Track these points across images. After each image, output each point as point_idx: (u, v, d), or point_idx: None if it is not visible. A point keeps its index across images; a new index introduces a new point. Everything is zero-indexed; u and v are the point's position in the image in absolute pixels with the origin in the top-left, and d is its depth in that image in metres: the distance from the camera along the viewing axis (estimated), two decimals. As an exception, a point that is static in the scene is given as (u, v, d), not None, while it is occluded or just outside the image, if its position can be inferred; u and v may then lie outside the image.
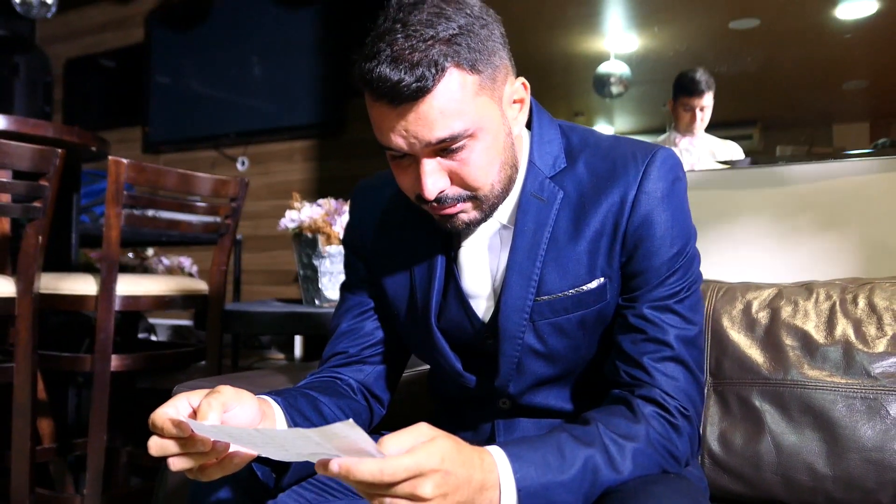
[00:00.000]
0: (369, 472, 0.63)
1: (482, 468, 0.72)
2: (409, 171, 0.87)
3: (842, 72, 1.66)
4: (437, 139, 0.82)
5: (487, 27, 0.84)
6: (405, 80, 0.78)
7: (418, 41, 0.79)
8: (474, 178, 0.86)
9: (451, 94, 0.80)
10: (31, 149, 1.45)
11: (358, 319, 1.06)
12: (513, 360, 0.94)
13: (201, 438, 0.73)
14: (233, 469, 0.77)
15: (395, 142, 0.83)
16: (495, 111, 0.86)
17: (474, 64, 0.82)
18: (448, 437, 0.70)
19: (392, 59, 0.79)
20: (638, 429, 0.83)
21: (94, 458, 1.58)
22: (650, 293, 0.90)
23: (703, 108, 1.82)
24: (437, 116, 0.81)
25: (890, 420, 1.17)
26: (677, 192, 0.92)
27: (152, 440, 0.74)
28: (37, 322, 1.51)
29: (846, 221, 1.58)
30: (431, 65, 0.79)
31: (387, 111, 0.82)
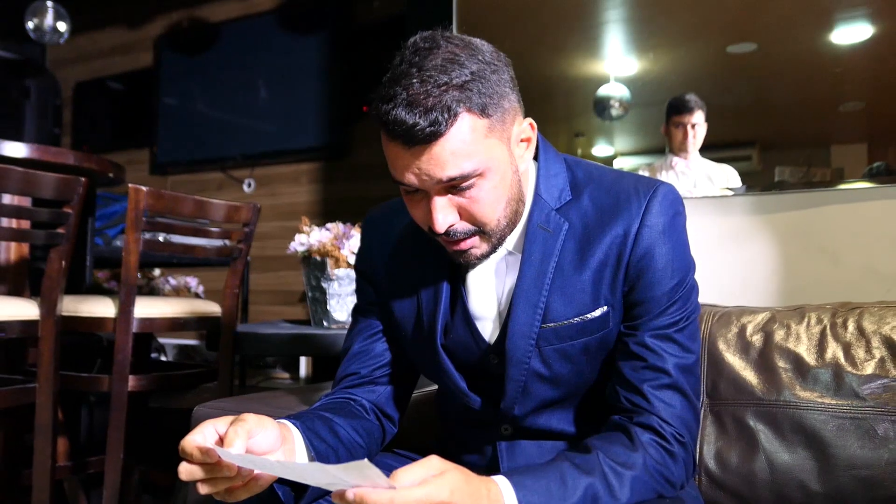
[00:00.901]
0: (378, 500, 0.68)
1: (489, 498, 0.77)
2: (421, 205, 0.93)
3: (839, 94, 1.70)
4: (448, 178, 0.87)
5: (498, 72, 0.89)
6: (420, 124, 0.84)
7: (432, 87, 0.84)
8: (482, 214, 0.91)
9: (462, 137, 0.86)
10: (55, 178, 1.51)
11: (369, 341, 1.11)
12: (519, 383, 0.99)
13: (227, 465, 0.77)
14: (258, 489, 0.82)
15: (409, 179, 0.89)
16: (503, 151, 0.91)
17: (485, 108, 0.87)
18: (457, 470, 0.75)
19: (407, 103, 0.84)
20: (636, 457, 0.88)
21: (111, 475, 1.63)
22: (651, 322, 0.95)
23: (693, 125, 1.86)
24: (448, 157, 0.86)
25: (878, 439, 1.22)
26: (677, 226, 0.98)
27: (182, 466, 0.78)
28: (59, 344, 1.57)
29: (838, 247, 1.64)
30: (444, 110, 0.84)
31: (401, 151, 0.87)
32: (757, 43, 1.81)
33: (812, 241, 1.66)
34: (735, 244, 1.74)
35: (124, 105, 4.55)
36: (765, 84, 1.80)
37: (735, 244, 1.74)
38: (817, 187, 1.69)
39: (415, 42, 0.90)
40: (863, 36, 1.69)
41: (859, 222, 1.63)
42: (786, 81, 1.77)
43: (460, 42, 0.89)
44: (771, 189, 1.76)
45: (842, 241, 1.64)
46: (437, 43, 0.88)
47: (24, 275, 1.91)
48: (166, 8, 4.30)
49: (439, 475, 0.72)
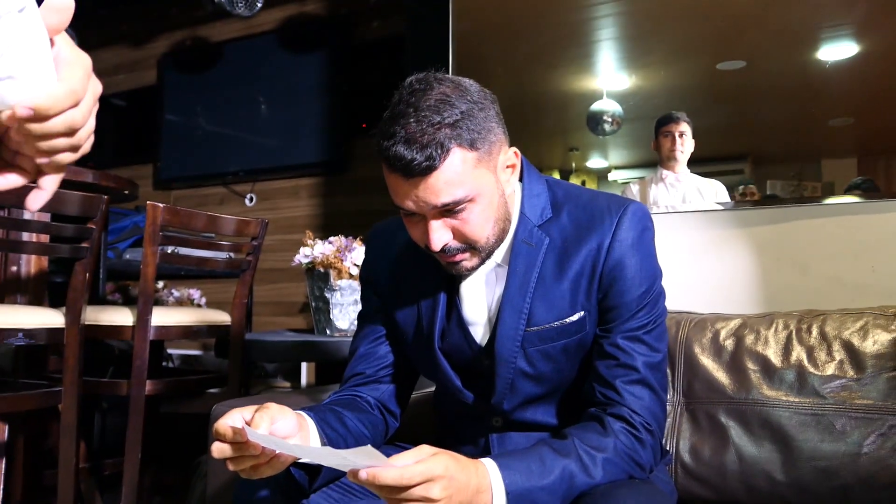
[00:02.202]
0: (391, 477, 0.81)
1: (477, 475, 0.89)
2: (419, 226, 1.05)
3: (828, 110, 1.77)
4: (443, 204, 1.00)
5: (485, 110, 1.02)
6: (416, 160, 0.96)
7: (427, 125, 0.97)
8: (473, 234, 1.04)
9: (454, 168, 0.98)
10: (80, 196, 1.63)
11: (373, 344, 1.24)
12: (507, 380, 1.12)
13: (253, 444, 0.89)
14: (280, 468, 0.94)
15: (408, 205, 1.02)
16: (491, 178, 1.04)
17: (473, 143, 1.00)
18: (447, 452, 0.87)
19: (405, 141, 0.96)
20: (607, 441, 1.00)
21: (129, 474, 1.74)
22: (622, 325, 1.08)
23: (681, 133, 1.95)
24: (442, 187, 0.98)
25: (836, 433, 1.34)
26: (645, 240, 1.11)
27: (215, 445, 0.91)
28: (82, 350, 1.68)
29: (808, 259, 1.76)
30: (438, 146, 0.96)
31: (401, 181, 1.00)
32: (746, 60, 1.89)
33: (784, 253, 1.79)
34: (712, 256, 1.86)
35: (128, 122, 4.65)
36: (754, 100, 1.86)
37: (712, 256, 1.86)
38: (789, 203, 1.82)
39: (411, 83, 1.03)
40: (848, 53, 1.76)
41: (827, 236, 1.75)
42: (775, 97, 1.83)
43: (451, 83, 1.02)
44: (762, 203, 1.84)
45: (811, 253, 1.76)
46: (430, 84, 1.01)
47: (43, 287, 2.03)
48: (170, 28, 4.41)
49: (433, 455, 0.85)
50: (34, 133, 0.54)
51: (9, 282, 1.95)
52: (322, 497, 1.10)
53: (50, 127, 0.54)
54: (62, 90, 0.54)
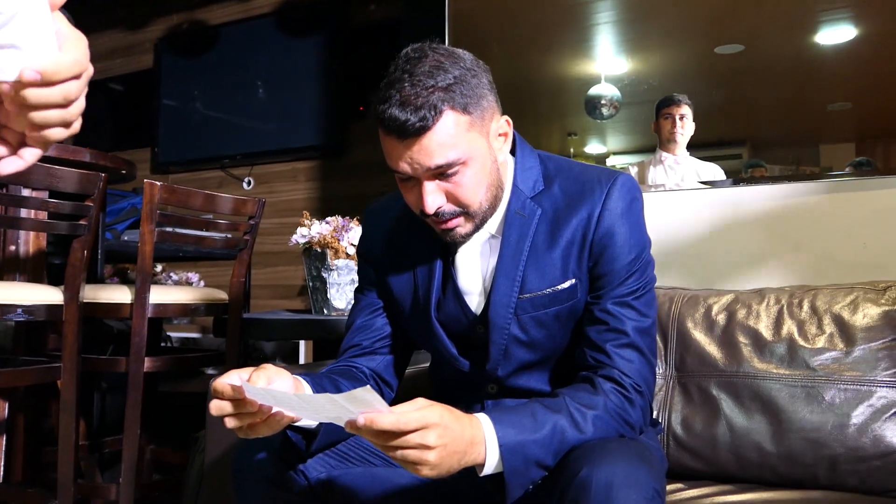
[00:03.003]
0: (388, 422, 0.82)
1: (471, 426, 0.91)
2: (414, 190, 1.08)
3: (826, 94, 1.78)
4: (436, 166, 1.03)
5: (477, 77, 1.05)
6: (410, 120, 1.00)
7: (421, 89, 1.00)
8: (466, 197, 1.06)
9: (447, 131, 1.01)
10: (77, 173, 1.64)
11: (370, 317, 1.26)
12: (501, 347, 1.14)
13: (250, 400, 0.91)
14: (276, 428, 0.96)
15: (402, 167, 1.04)
16: (483, 143, 1.07)
17: (466, 106, 1.03)
18: (441, 404, 0.89)
19: (400, 103, 1.00)
20: (597, 399, 1.03)
21: (129, 450, 1.76)
22: (612, 291, 1.10)
23: (682, 116, 1.95)
24: (435, 148, 1.01)
25: (825, 405, 1.37)
26: (634, 210, 1.13)
27: (213, 402, 0.92)
28: (81, 327, 1.70)
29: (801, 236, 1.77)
30: (431, 108, 1.00)
31: (396, 143, 1.03)
32: (744, 44, 1.89)
33: (777, 230, 1.80)
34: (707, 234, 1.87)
35: (125, 106, 4.64)
36: (753, 84, 1.86)
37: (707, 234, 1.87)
38: (782, 181, 1.83)
39: (406, 53, 1.06)
40: (846, 37, 1.76)
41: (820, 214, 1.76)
42: (773, 82, 1.84)
43: (445, 52, 1.05)
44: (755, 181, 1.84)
45: (804, 230, 1.77)
46: (425, 53, 1.05)
47: (42, 266, 2.04)
48: (166, 11, 4.40)
49: (429, 405, 0.87)
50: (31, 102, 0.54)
51: (8, 261, 1.97)
52: (319, 462, 1.12)
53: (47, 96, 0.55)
54: (68, 59, 0.55)
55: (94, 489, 1.84)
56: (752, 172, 1.89)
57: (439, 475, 0.88)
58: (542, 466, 0.96)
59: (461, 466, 0.90)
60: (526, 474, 0.95)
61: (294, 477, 1.09)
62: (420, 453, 0.85)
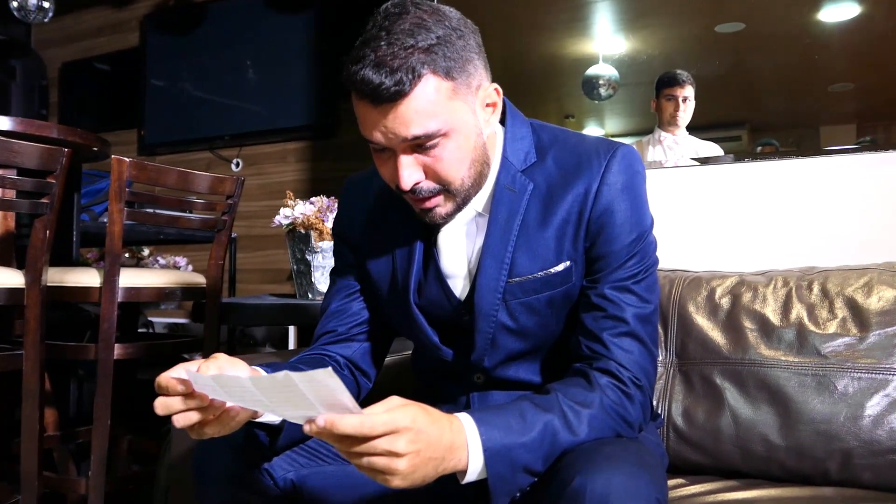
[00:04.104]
0: (351, 425, 0.71)
1: (451, 430, 0.81)
2: (389, 163, 0.97)
3: (827, 74, 1.72)
4: (413, 136, 0.92)
5: (464, 38, 0.94)
6: (385, 84, 0.88)
7: (399, 49, 0.89)
8: (446, 173, 0.96)
9: (426, 97, 0.90)
10: (39, 148, 1.53)
11: (346, 301, 1.16)
12: (487, 336, 1.04)
13: (200, 395, 0.81)
14: (231, 425, 0.86)
15: (376, 137, 0.94)
16: (468, 114, 0.95)
17: (449, 71, 0.91)
18: (417, 404, 0.79)
19: (375, 64, 0.89)
20: (593, 396, 0.92)
21: (98, 441, 1.66)
22: (611, 275, 1.00)
23: (685, 98, 1.89)
24: (412, 116, 0.90)
25: (837, 395, 1.27)
26: (636, 185, 1.02)
27: (158, 400, 0.83)
28: (44, 312, 1.60)
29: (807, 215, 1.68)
30: (409, 71, 0.88)
31: (369, 109, 0.92)
32: (745, 22, 1.83)
33: (783, 209, 1.70)
34: (709, 212, 1.78)
35: (111, 86, 4.54)
36: (753, 64, 1.80)
37: (709, 212, 1.78)
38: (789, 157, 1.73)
39: (386, 8, 0.94)
40: (850, 14, 1.70)
41: (828, 191, 1.67)
42: (775, 61, 1.78)
43: (428, 8, 0.93)
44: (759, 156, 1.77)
45: (811, 209, 1.67)
46: (406, 9, 0.93)
47: (10, 248, 1.94)
48: (152, -13, 4.29)
49: (401, 405, 0.76)
50: None
51: (-28, 243, 1.87)
52: (286, 461, 1.02)
53: None
54: None
55: (62, 483, 1.75)
56: (763, 150, 1.80)
57: (412, 485, 0.77)
58: (531, 472, 0.86)
59: (438, 474, 0.80)
60: (513, 481, 0.85)
61: (259, 477, 1.00)
62: (388, 461, 0.74)
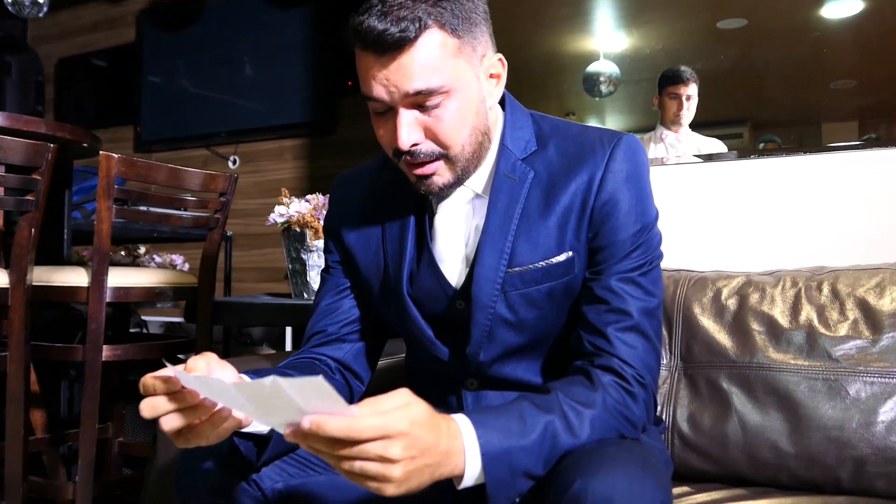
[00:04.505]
0: (338, 427, 0.66)
1: (448, 434, 0.76)
2: (388, 124, 0.94)
3: (830, 71, 1.69)
4: (415, 90, 0.89)
5: (473, 0, 0.93)
6: (389, 30, 0.87)
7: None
8: (446, 135, 0.93)
9: (430, 50, 0.88)
10: (24, 143, 1.49)
11: (336, 298, 1.11)
12: (484, 328, 0.99)
13: (189, 393, 0.76)
14: (220, 430, 0.81)
15: (377, 90, 0.91)
16: (472, 76, 0.93)
17: (455, 28, 0.90)
18: (421, 404, 0.74)
19: (381, 13, 0.88)
20: (595, 396, 0.88)
21: (85, 446, 1.62)
22: (615, 266, 0.96)
23: (688, 97, 1.86)
24: (416, 69, 0.88)
25: (849, 400, 1.22)
26: (640, 174, 0.98)
27: (144, 402, 0.77)
28: (29, 312, 1.55)
29: (814, 213, 1.63)
30: (415, 20, 0.87)
31: (372, 60, 0.90)
32: (747, 18, 1.80)
33: (791, 207, 1.65)
34: (714, 210, 1.73)
35: (108, 82, 4.50)
36: (756, 60, 1.78)
37: (714, 210, 1.73)
38: (796, 153, 1.68)
39: None
40: (853, 10, 1.67)
41: (835, 189, 1.62)
42: (777, 57, 1.75)
43: None
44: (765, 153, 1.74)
45: (819, 207, 1.63)
46: None
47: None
48: (149, -18, 4.24)
49: (401, 406, 0.71)
50: None
51: (-41, 241, 1.82)
52: (275, 470, 0.98)
53: None
54: None
55: (49, 487, 1.71)
56: (765, 147, 1.76)
57: (407, 492, 0.72)
58: (531, 476, 0.82)
59: (434, 480, 0.75)
60: (512, 486, 0.80)
61: (246, 488, 0.95)
62: (382, 467, 0.69)
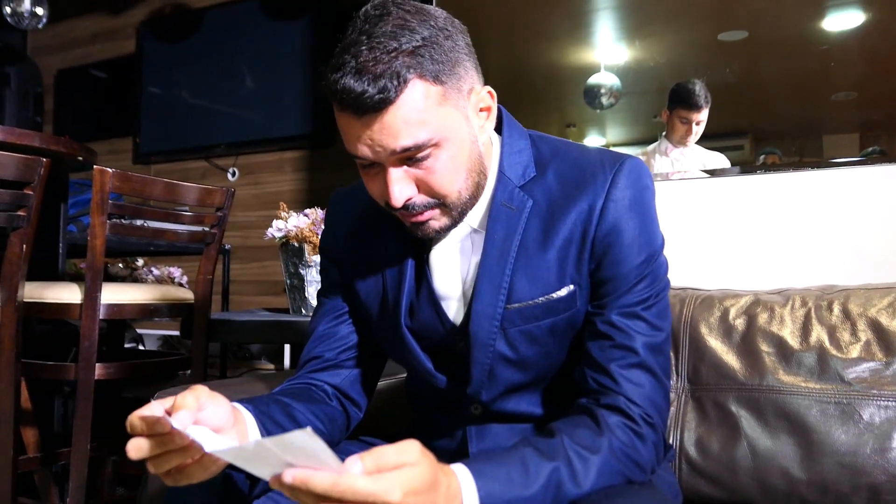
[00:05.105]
0: (321, 484, 0.61)
1: (448, 492, 0.70)
2: (378, 179, 0.89)
3: (830, 83, 1.68)
4: (402, 148, 0.83)
5: (452, 38, 0.86)
6: (368, 92, 0.80)
7: (382, 53, 0.81)
8: (440, 186, 0.87)
9: (414, 105, 0.82)
10: (15, 157, 1.46)
11: (334, 323, 1.07)
12: (485, 367, 0.95)
13: (178, 434, 0.72)
14: (212, 468, 0.77)
15: (362, 150, 0.85)
16: (460, 120, 0.87)
17: (437, 75, 0.83)
18: (422, 466, 0.67)
19: (356, 71, 0.81)
20: (601, 441, 0.83)
21: (77, 466, 1.58)
22: (618, 300, 0.91)
23: (699, 122, 1.84)
24: (400, 126, 0.82)
25: (863, 424, 1.18)
26: (645, 201, 0.94)
27: (131, 443, 0.73)
28: (20, 330, 1.52)
29: (823, 229, 1.60)
30: (394, 76, 0.80)
31: (352, 121, 0.84)
32: (748, 30, 1.79)
33: (799, 223, 1.62)
34: (719, 226, 1.70)
35: (107, 93, 4.48)
36: (757, 72, 1.76)
37: (719, 226, 1.70)
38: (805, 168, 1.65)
39: (366, 10, 0.87)
40: (854, 23, 1.66)
41: (845, 204, 1.59)
42: (777, 70, 1.73)
43: (412, 8, 0.86)
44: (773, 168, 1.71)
45: (828, 223, 1.59)
46: (387, 10, 0.85)
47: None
48: (149, -7, 4.23)
49: (402, 468, 0.65)
50: None
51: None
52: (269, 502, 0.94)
53: None
54: None
55: (39, 509, 1.67)
56: (766, 159, 1.73)
57: None
58: None
59: None
60: None
61: (238, 518, 0.91)
62: None
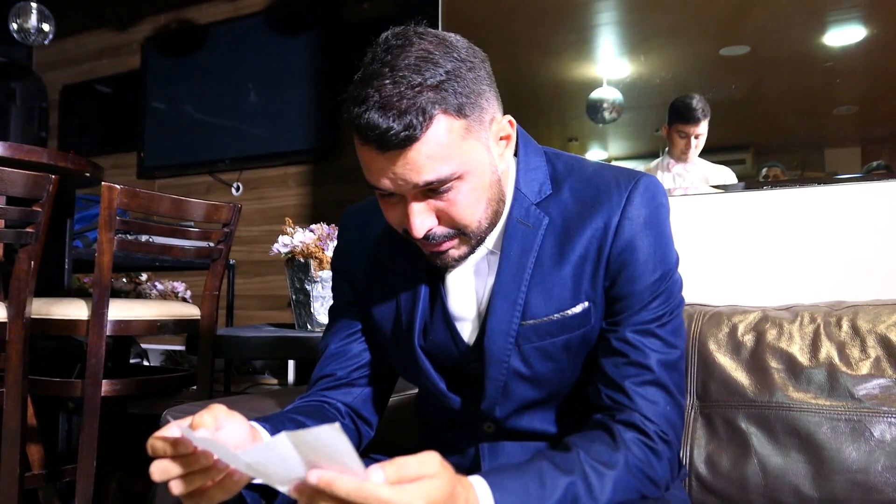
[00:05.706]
0: (345, 487, 0.62)
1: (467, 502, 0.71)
2: (397, 208, 0.88)
3: (832, 97, 1.68)
4: (425, 182, 0.83)
5: (474, 70, 0.85)
6: (394, 129, 0.79)
7: (406, 88, 0.80)
8: (461, 217, 0.87)
9: (438, 140, 0.82)
10: (24, 175, 1.46)
11: (346, 342, 1.07)
12: (499, 383, 0.95)
13: (203, 454, 0.72)
14: (234, 490, 0.76)
15: (384, 184, 0.85)
16: (482, 152, 0.87)
17: (461, 108, 0.83)
18: (443, 477, 0.67)
19: (380, 106, 0.80)
20: (617, 456, 0.84)
21: (83, 483, 1.57)
22: (633, 317, 0.91)
23: (698, 135, 1.84)
24: (424, 162, 0.82)
25: (874, 442, 1.18)
26: (660, 219, 0.94)
27: (154, 465, 0.73)
28: (27, 347, 1.52)
29: (828, 245, 1.60)
30: (419, 113, 0.80)
31: (375, 155, 0.83)
32: (750, 45, 1.80)
33: (807, 239, 1.62)
34: (727, 242, 1.70)
35: (112, 108, 4.50)
36: (758, 87, 1.77)
37: (727, 242, 1.70)
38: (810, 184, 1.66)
39: (386, 39, 0.86)
40: (855, 38, 1.67)
41: (851, 220, 1.59)
42: (779, 84, 1.74)
43: (434, 39, 0.85)
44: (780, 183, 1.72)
45: (835, 238, 1.59)
46: (409, 40, 0.84)
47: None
48: (154, 10, 4.25)
49: (423, 480, 0.65)
50: None
51: (-42, 273, 1.79)
52: (280, 524, 0.93)
53: None
54: None
55: (45, 527, 1.66)
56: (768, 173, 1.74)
57: None
58: None
59: None
60: None
61: (250, 537, 0.90)
62: None
